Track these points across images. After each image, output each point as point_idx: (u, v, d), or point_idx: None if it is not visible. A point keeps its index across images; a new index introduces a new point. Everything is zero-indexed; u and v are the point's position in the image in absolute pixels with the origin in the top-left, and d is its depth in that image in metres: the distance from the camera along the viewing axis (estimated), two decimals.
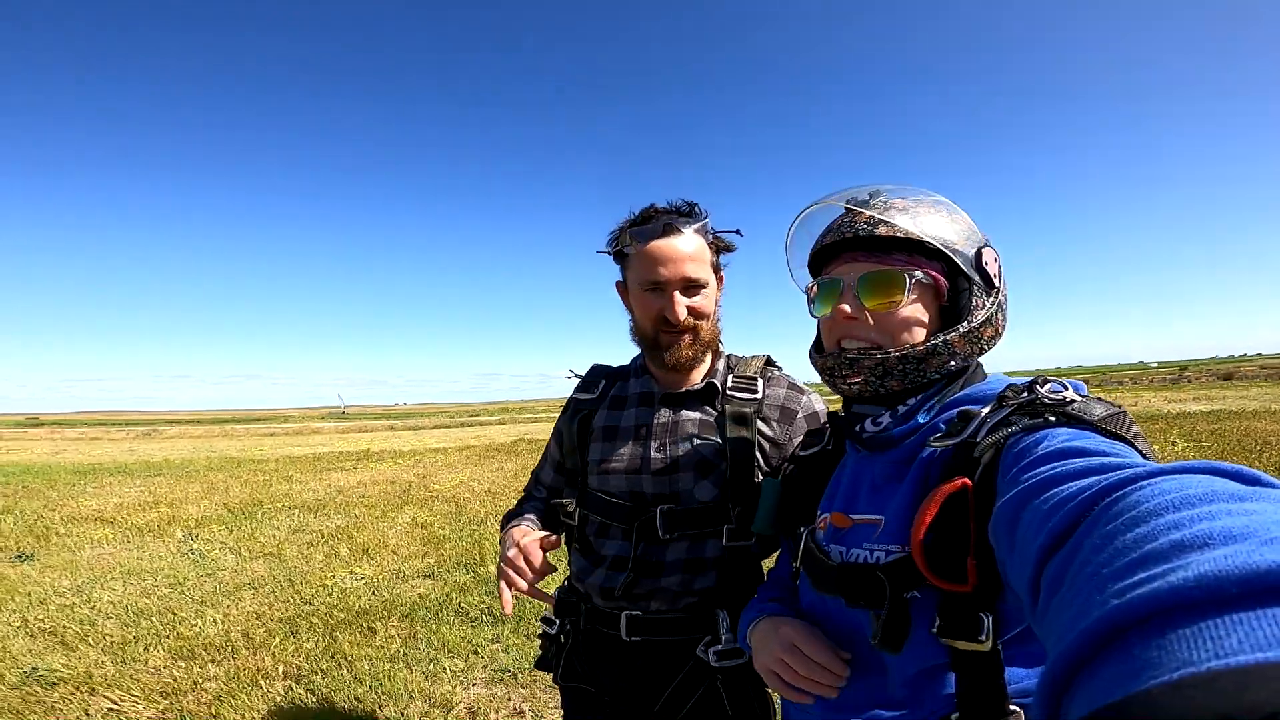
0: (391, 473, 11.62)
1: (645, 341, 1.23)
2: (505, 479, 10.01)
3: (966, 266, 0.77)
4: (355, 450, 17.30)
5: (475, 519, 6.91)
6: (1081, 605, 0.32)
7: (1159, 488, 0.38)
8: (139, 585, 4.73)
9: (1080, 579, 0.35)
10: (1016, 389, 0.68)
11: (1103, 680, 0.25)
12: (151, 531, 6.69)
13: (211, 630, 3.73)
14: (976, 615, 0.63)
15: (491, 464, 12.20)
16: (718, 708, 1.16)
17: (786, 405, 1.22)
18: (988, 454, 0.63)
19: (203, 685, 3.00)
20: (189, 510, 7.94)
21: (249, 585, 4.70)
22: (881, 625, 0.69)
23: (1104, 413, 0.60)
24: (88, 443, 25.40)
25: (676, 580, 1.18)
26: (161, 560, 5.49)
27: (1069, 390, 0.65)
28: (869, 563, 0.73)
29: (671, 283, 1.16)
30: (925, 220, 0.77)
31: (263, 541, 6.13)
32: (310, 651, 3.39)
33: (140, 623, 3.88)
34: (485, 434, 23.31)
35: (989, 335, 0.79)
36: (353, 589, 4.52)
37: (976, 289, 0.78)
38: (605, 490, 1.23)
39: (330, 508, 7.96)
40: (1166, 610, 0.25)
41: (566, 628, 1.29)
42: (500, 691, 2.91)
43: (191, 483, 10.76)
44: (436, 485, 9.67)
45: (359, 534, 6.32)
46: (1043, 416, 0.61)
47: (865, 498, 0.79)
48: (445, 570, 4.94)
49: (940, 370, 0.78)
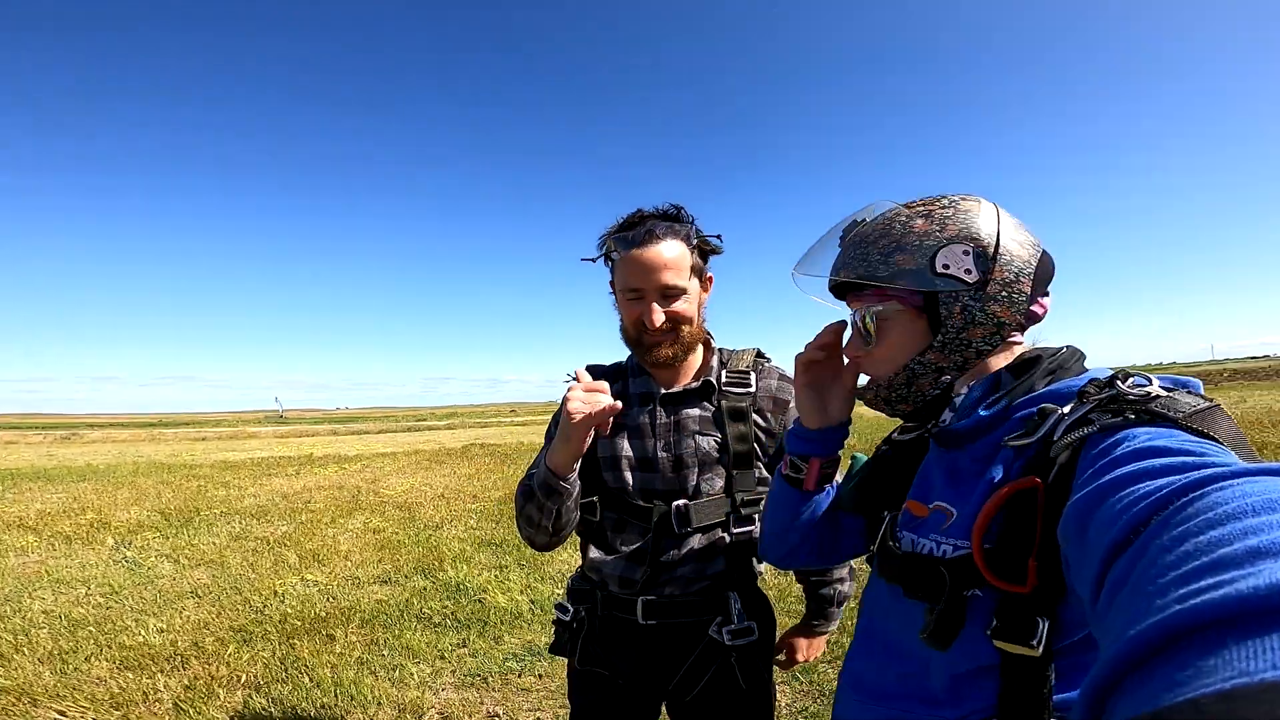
0: (338, 478, 11.25)
1: (630, 342, 1.28)
2: (459, 483, 9.83)
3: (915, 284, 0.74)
4: (297, 455, 16.65)
5: (430, 524, 6.78)
6: (1143, 607, 0.31)
7: (1239, 489, 0.36)
8: (71, 594, 4.46)
9: (1145, 580, 0.34)
10: (1098, 384, 0.64)
11: (1153, 686, 0.25)
12: (79, 539, 6.31)
13: (156, 639, 3.55)
14: (1032, 619, 0.61)
15: (444, 469, 11.96)
16: (731, 683, 1.23)
17: (779, 396, 1.29)
18: (1064, 454, 0.60)
19: (155, 696, 2.86)
20: (119, 517, 7.51)
21: (191, 594, 4.49)
22: (934, 620, 0.68)
23: (1191, 408, 0.55)
24: (2, 447, 23.68)
25: (690, 568, 1.23)
26: (93, 569, 5.19)
27: (1154, 384, 0.61)
28: (934, 555, 0.72)
29: (649, 291, 1.20)
30: (872, 251, 0.77)
31: (203, 549, 5.85)
32: (267, 660, 3.27)
33: (77, 632, 3.66)
34: (435, 439, 22.81)
35: (981, 335, 0.75)
36: (305, 596, 4.38)
37: (944, 297, 0.75)
38: (621, 487, 1.27)
39: (274, 514, 7.65)
40: (1231, 618, 0.24)
41: (581, 614, 1.31)
42: (472, 696, 2.88)
43: (119, 488, 10.16)
44: (387, 490, 9.42)
45: (308, 540, 6.10)
46: (1124, 414, 0.58)
47: (941, 487, 0.77)
48: (403, 576, 4.84)
49: (936, 386, 0.78)
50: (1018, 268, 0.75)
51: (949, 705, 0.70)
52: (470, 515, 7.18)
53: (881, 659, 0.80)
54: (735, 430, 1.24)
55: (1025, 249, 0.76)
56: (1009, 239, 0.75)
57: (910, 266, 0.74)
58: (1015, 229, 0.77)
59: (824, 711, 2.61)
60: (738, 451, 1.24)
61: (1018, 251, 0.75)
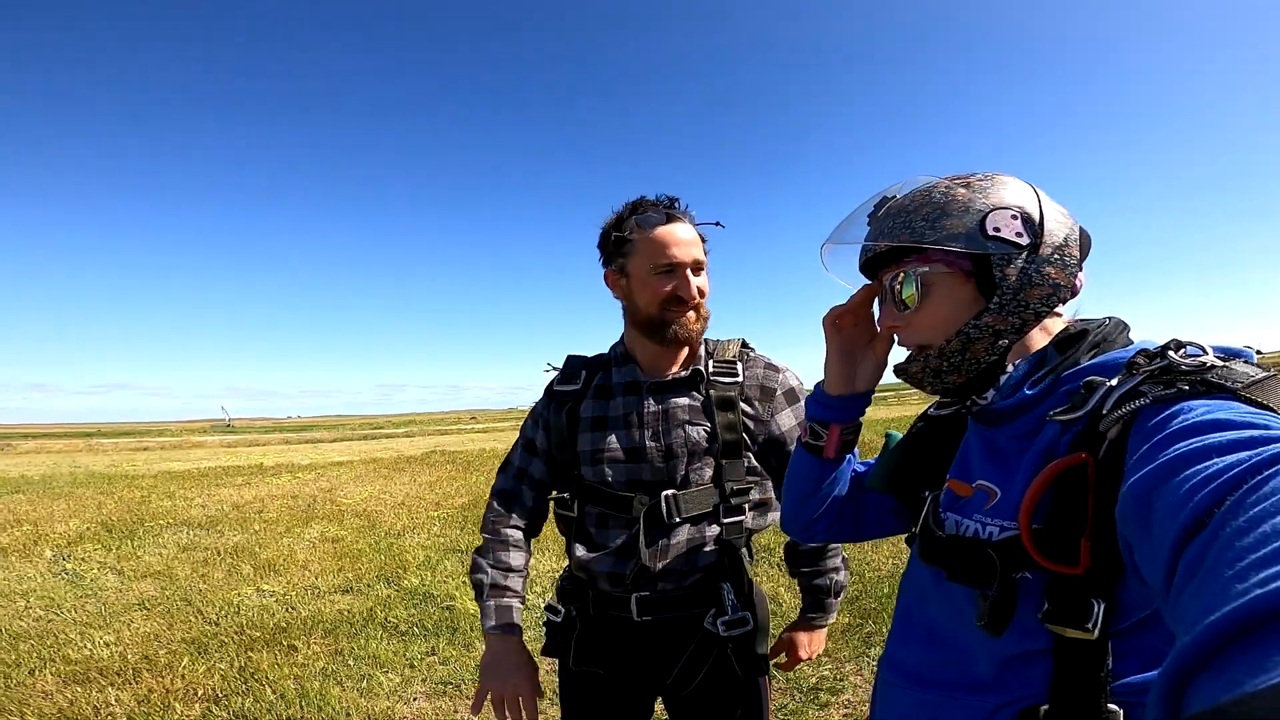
0: (291, 487, 10.88)
1: (650, 322, 1.26)
2: (419, 490, 9.62)
3: (965, 246, 0.72)
4: (246, 465, 16.05)
5: (391, 531, 6.62)
6: (1219, 593, 0.30)
7: None
8: (10, 607, 4.22)
9: (1221, 565, 0.32)
10: (1149, 354, 0.61)
11: (1233, 672, 0.24)
12: (16, 551, 5.97)
13: (104, 653, 3.39)
14: (1087, 600, 0.59)
15: (403, 476, 11.68)
16: (729, 674, 1.23)
17: (765, 384, 1.31)
18: (1114, 429, 0.58)
19: (107, 710, 2.72)
20: (56, 529, 7.12)
21: (138, 606, 4.29)
22: (989, 607, 0.65)
23: (1249, 378, 0.52)
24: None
25: (682, 560, 1.23)
26: (31, 581, 4.92)
27: (1208, 354, 0.58)
28: (980, 538, 0.69)
29: (684, 263, 1.22)
30: (915, 218, 0.75)
31: (148, 561, 5.60)
32: (225, 672, 3.14)
33: (19, 645, 3.47)
34: (393, 446, 22.28)
35: (1039, 297, 0.73)
36: (263, 606, 4.22)
37: (997, 259, 0.72)
38: (602, 481, 1.26)
39: (224, 524, 7.35)
40: None
41: (573, 614, 1.30)
42: (445, 704, 2.82)
43: (56, 500, 9.63)
44: (344, 499, 9.15)
45: (262, 550, 5.88)
46: (1177, 386, 0.55)
47: (981, 465, 0.75)
48: (365, 584, 4.71)
49: (993, 351, 0.74)
50: (1064, 234, 0.74)
51: (995, 691, 0.68)
52: (434, 522, 7.04)
53: (923, 644, 0.78)
54: (724, 419, 1.25)
55: (1066, 219, 0.75)
56: (1051, 208, 0.75)
57: (960, 230, 0.72)
58: (1051, 202, 0.76)
59: (804, 709, 2.63)
60: (727, 441, 1.25)
61: (1061, 219, 0.75)
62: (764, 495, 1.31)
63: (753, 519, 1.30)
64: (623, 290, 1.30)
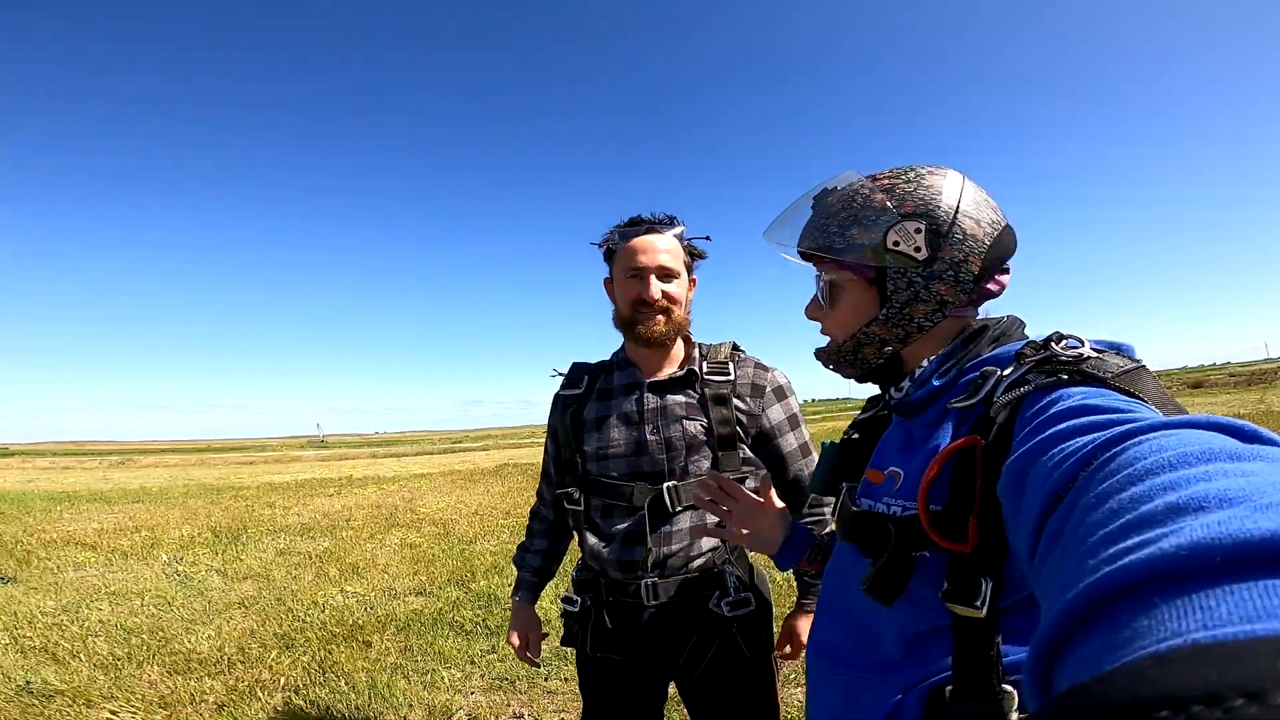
0: (376, 497, 11.52)
1: (624, 322, 1.38)
2: (492, 500, 9.99)
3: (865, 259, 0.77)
4: (337, 477, 17.09)
5: (464, 539, 6.91)
6: (1074, 569, 0.31)
7: (1157, 443, 0.36)
8: (126, 605, 4.68)
9: (1075, 539, 0.34)
10: (1035, 346, 0.66)
11: (1091, 650, 0.25)
12: (134, 555, 6.60)
13: (205, 646, 3.72)
14: (976, 579, 0.62)
15: (477, 487, 12.15)
16: (736, 653, 1.31)
17: (755, 382, 1.39)
18: (1002, 414, 0.62)
19: (201, 697, 3.00)
20: (171, 534, 7.83)
21: (239, 604, 4.67)
22: (875, 572, 0.69)
23: (1119, 369, 0.57)
24: (60, 471, 24.78)
25: (686, 545, 1.31)
26: (146, 582, 5.42)
27: (1085, 346, 0.62)
28: (885, 514, 0.73)
29: (649, 269, 1.33)
30: (831, 224, 0.80)
31: (249, 563, 6.07)
32: (307, 665, 3.40)
33: (131, 640, 3.85)
34: (470, 460, 23.17)
35: (923, 313, 0.78)
36: (345, 606, 4.52)
37: (892, 273, 0.77)
38: (606, 475, 1.36)
39: (316, 531, 7.89)
40: (1157, 579, 0.24)
41: (587, 603, 1.39)
42: (499, 698, 2.95)
43: (171, 509, 10.58)
44: (423, 509, 9.61)
45: (347, 555, 6.28)
46: (1057, 375, 0.59)
47: (894, 454, 0.80)
48: (437, 587, 4.95)
49: (880, 355, 0.82)
50: (969, 247, 0.75)
51: (903, 669, 0.71)
52: (503, 530, 7.30)
53: (840, 625, 0.82)
54: (719, 414, 1.34)
55: (983, 227, 0.76)
56: (966, 217, 0.76)
57: (864, 241, 0.77)
58: (976, 206, 0.77)
59: None
60: (722, 434, 1.33)
61: (972, 230, 0.76)
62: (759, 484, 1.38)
63: None
64: (611, 296, 1.44)
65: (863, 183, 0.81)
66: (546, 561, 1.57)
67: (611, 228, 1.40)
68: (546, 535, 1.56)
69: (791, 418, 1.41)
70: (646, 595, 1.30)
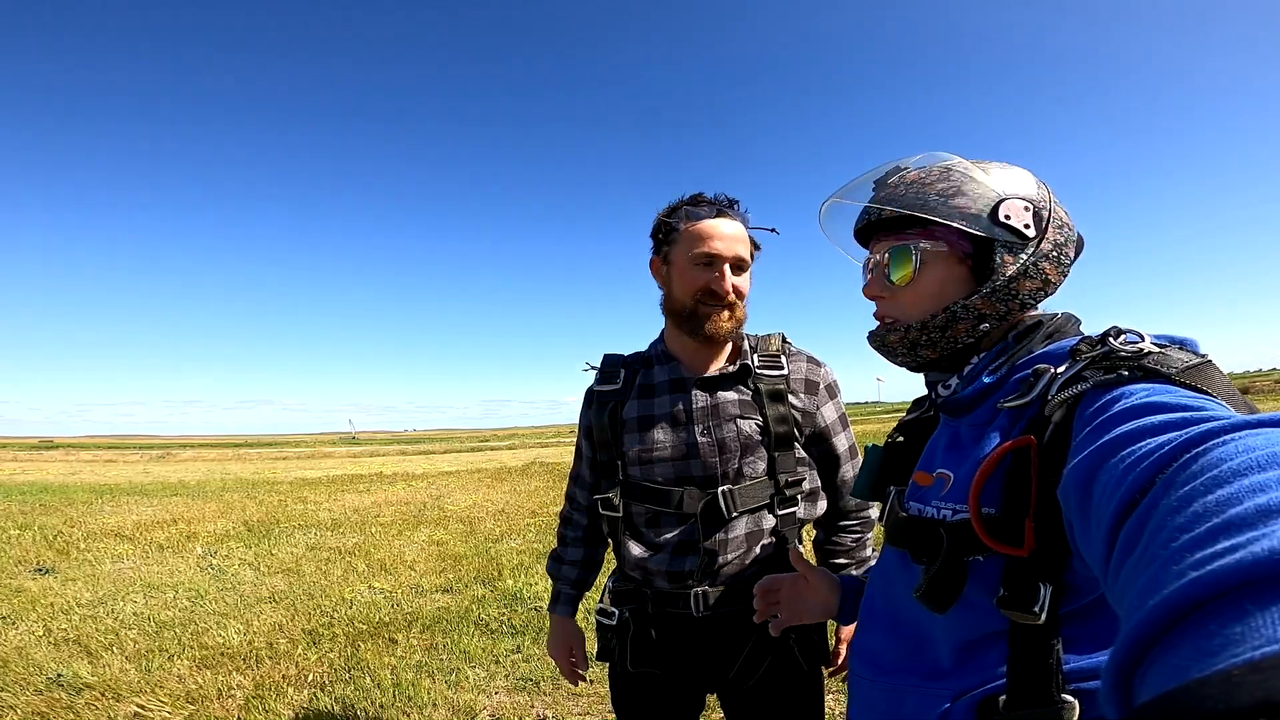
0: (405, 494, 11.63)
1: (683, 313, 1.26)
2: (519, 500, 10.00)
3: (974, 227, 0.73)
4: (368, 473, 17.32)
5: (490, 537, 6.90)
6: (1156, 575, 0.30)
7: (1244, 444, 0.34)
8: (160, 598, 4.75)
9: (1155, 545, 0.32)
10: (1091, 342, 0.63)
11: (1178, 658, 0.23)
12: (170, 548, 6.73)
13: (235, 640, 3.74)
14: (1034, 584, 0.59)
15: (504, 486, 12.19)
16: (793, 664, 1.23)
17: (809, 378, 1.29)
18: (1058, 413, 0.59)
19: (228, 692, 3.01)
20: (206, 528, 7.98)
21: (269, 599, 4.71)
22: (928, 579, 0.66)
23: (1184, 363, 0.54)
24: (102, 464, 25.58)
25: (741, 554, 1.22)
26: (181, 575, 5.51)
27: (1145, 340, 0.59)
28: (935, 519, 0.70)
29: (724, 257, 1.22)
30: (929, 191, 0.76)
31: (281, 558, 6.15)
32: (333, 661, 3.39)
33: (163, 633, 3.89)
34: (497, 458, 23.30)
35: (1029, 289, 0.74)
36: (372, 602, 4.52)
37: (1000, 246, 0.74)
38: (650, 480, 1.25)
39: (346, 526, 7.97)
40: (1250, 583, 0.23)
41: (626, 616, 1.30)
42: (523, 699, 2.90)
43: (208, 502, 10.81)
44: (450, 506, 9.67)
45: (375, 551, 6.33)
46: (1116, 371, 0.57)
47: (942, 455, 0.77)
48: (463, 585, 4.94)
49: (972, 334, 0.76)
50: (1065, 234, 0.76)
51: (954, 676, 0.68)
52: (529, 529, 7.29)
53: (886, 633, 0.78)
54: (775, 412, 1.24)
55: (1068, 221, 0.78)
56: (1059, 205, 0.77)
57: (972, 211, 0.74)
58: (1058, 203, 0.78)
59: None
60: (778, 433, 1.23)
61: (1065, 219, 0.77)
62: (814, 484, 1.30)
63: (804, 509, 1.28)
64: (663, 278, 1.31)
65: (957, 160, 0.79)
66: (584, 572, 1.47)
67: (670, 204, 1.29)
68: (582, 543, 1.46)
69: (842, 417, 1.33)
70: (696, 606, 1.22)
